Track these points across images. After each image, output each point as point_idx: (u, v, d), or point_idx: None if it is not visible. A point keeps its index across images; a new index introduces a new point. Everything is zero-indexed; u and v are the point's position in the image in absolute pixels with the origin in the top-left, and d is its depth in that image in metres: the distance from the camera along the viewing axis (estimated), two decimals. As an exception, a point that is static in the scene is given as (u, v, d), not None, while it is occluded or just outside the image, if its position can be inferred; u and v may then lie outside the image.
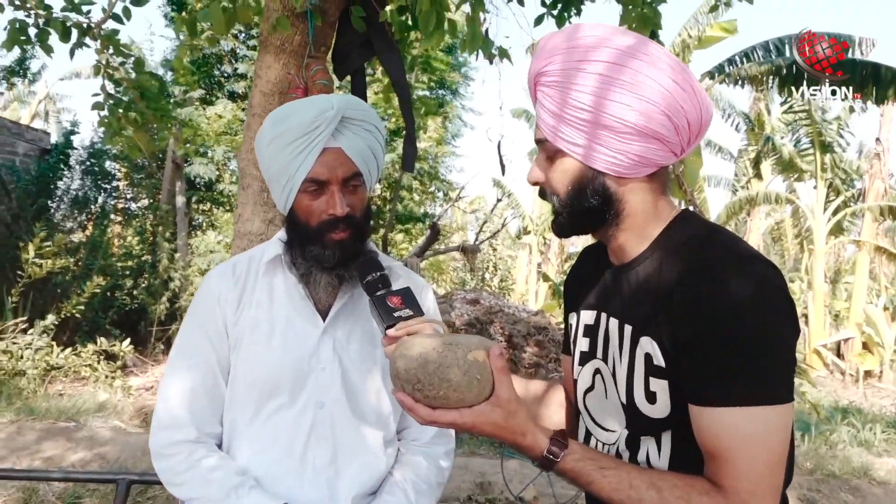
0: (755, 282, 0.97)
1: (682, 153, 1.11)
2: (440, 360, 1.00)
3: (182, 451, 1.43)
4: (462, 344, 1.03)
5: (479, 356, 1.02)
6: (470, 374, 1.00)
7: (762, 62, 8.38)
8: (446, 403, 1.01)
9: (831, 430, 7.65)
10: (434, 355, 1.01)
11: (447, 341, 1.04)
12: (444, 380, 0.99)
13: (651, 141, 1.06)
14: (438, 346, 1.02)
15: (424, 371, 1.00)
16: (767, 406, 0.96)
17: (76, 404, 5.57)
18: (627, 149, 1.06)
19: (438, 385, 1.00)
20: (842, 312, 19.23)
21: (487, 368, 1.02)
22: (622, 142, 1.06)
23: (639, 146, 1.06)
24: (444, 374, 0.99)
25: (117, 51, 3.34)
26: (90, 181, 10.88)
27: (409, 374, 1.01)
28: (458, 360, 1.00)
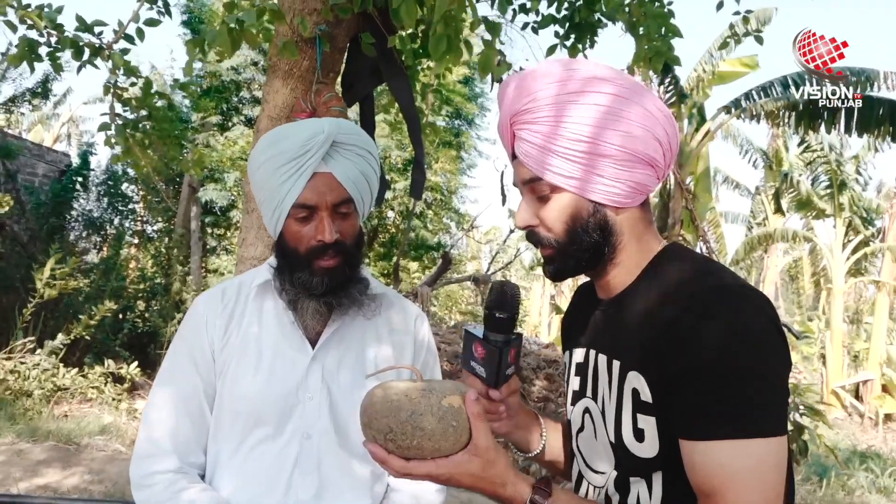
0: (743, 313, 0.94)
1: (664, 176, 1.10)
2: (413, 408, 0.94)
3: (162, 481, 1.39)
4: (436, 390, 0.97)
5: (455, 402, 0.96)
6: (445, 421, 0.94)
7: (779, 98, 8.36)
8: (420, 454, 0.95)
9: (849, 474, 7.45)
10: (406, 402, 0.94)
11: (420, 387, 0.97)
12: (418, 428, 0.93)
13: (646, 167, 1.05)
14: (411, 393, 0.96)
15: (396, 419, 0.94)
16: (760, 439, 0.92)
17: (79, 426, 5.54)
18: (627, 176, 1.04)
19: (412, 434, 0.93)
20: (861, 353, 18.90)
21: (464, 414, 0.96)
22: (622, 169, 1.04)
23: (637, 173, 1.05)
24: (417, 423, 0.93)
25: (127, 71, 3.37)
26: (107, 203, 11.01)
27: (381, 424, 0.95)
28: (431, 407, 0.94)
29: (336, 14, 2.54)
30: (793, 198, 15.66)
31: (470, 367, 1.15)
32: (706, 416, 0.94)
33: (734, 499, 0.92)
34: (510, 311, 1.14)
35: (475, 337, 1.14)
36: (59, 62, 3.07)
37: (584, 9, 2.80)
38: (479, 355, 1.13)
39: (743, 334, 0.93)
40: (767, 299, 0.99)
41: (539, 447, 1.31)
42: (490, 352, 1.12)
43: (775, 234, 15.54)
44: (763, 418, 0.93)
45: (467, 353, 1.16)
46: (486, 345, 1.12)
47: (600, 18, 2.91)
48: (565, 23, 2.99)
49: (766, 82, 8.65)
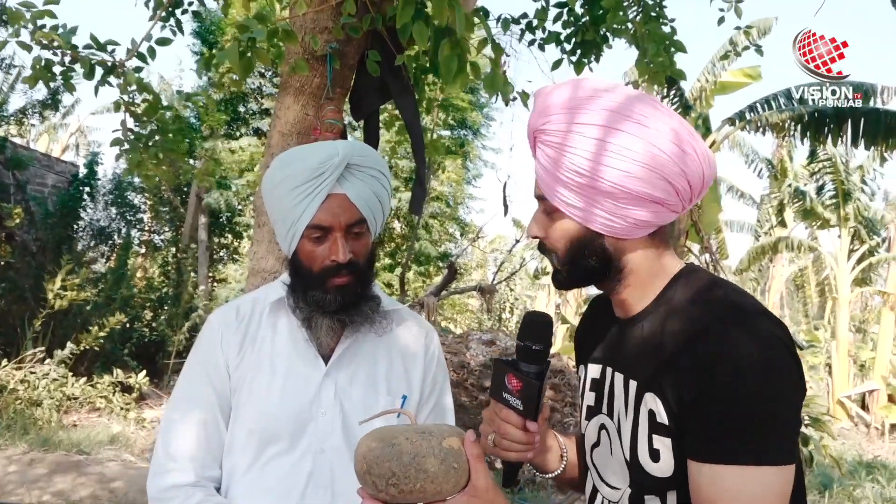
0: (760, 340, 0.95)
1: (683, 210, 1.09)
2: (415, 451, 0.94)
3: (179, 495, 1.41)
4: (435, 432, 0.98)
5: (455, 443, 0.97)
6: (447, 462, 0.94)
7: (783, 109, 8.37)
8: (423, 497, 0.94)
9: (855, 485, 7.42)
10: (408, 446, 0.94)
11: (418, 430, 0.98)
12: (421, 471, 0.93)
13: (650, 205, 1.04)
14: (411, 436, 0.96)
15: (399, 463, 0.93)
16: (769, 467, 0.93)
17: (89, 436, 5.57)
18: (626, 213, 1.04)
19: (415, 477, 0.93)
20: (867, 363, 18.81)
21: (463, 456, 0.97)
22: (621, 207, 1.04)
23: (638, 211, 1.04)
24: (420, 465, 0.93)
25: (140, 88, 3.42)
26: (115, 213, 11.09)
27: (383, 469, 0.93)
28: (433, 449, 0.94)
29: (347, 33, 2.58)
30: (798, 207, 15.66)
31: (503, 399, 1.13)
32: (718, 441, 0.95)
33: None
34: (545, 342, 1.13)
35: (508, 368, 1.12)
36: (71, 81, 3.12)
37: (589, 28, 2.84)
38: (514, 387, 1.11)
39: (758, 361, 0.94)
40: (783, 325, 1.00)
41: (560, 468, 1.31)
42: (528, 384, 1.10)
43: (780, 244, 15.52)
44: (774, 447, 0.94)
45: (499, 383, 1.14)
46: (521, 377, 1.11)
47: (606, 35, 2.95)
48: (570, 39, 3.03)
49: (770, 94, 8.67)
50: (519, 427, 1.12)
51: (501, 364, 1.14)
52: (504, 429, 1.12)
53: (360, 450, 0.97)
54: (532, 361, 1.12)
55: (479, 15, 2.47)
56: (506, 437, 1.12)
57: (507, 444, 1.13)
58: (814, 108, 8.11)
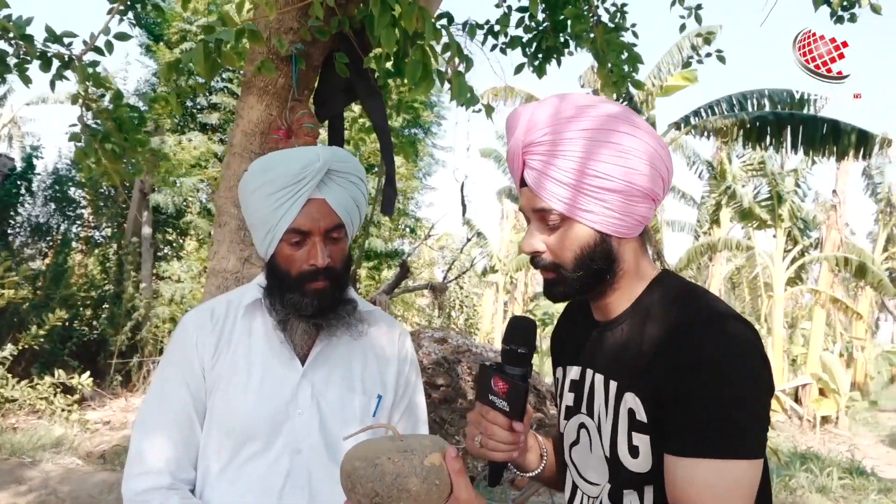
0: (734, 342, 1.03)
1: (658, 206, 1.18)
2: (397, 471, 0.96)
3: (155, 497, 1.41)
4: (417, 449, 1.00)
5: (436, 460, 1.00)
6: (429, 481, 0.97)
7: (726, 115, 8.68)
8: None
9: (790, 475, 7.76)
10: (390, 466, 0.97)
11: (401, 448, 1.00)
12: (404, 490, 0.96)
13: (649, 200, 1.12)
14: (394, 455, 0.98)
15: (382, 484, 0.96)
16: (740, 460, 1.00)
17: (31, 439, 5.38)
18: (634, 210, 1.11)
19: (398, 497, 0.96)
20: (799, 358, 19.64)
21: (444, 471, 1.00)
22: (629, 204, 1.10)
23: (641, 206, 1.12)
24: (402, 485, 0.96)
25: (97, 83, 3.33)
26: (53, 208, 10.70)
27: (366, 488, 0.97)
28: (415, 469, 0.97)
29: (313, 35, 2.58)
30: (735, 209, 16.24)
31: (489, 402, 1.17)
32: (693, 436, 1.01)
33: None
34: (529, 345, 1.18)
35: (494, 372, 1.17)
36: (25, 74, 3.03)
37: (550, 35, 2.91)
38: (501, 390, 1.15)
39: (733, 363, 1.01)
40: (753, 328, 1.08)
41: (540, 467, 1.35)
42: (514, 386, 1.14)
43: (719, 244, 16.06)
44: (745, 442, 1.01)
45: (484, 387, 1.17)
46: (507, 379, 1.15)
47: (567, 41, 3.03)
48: (532, 44, 3.09)
49: (713, 100, 9.00)
50: (505, 428, 1.16)
51: (487, 369, 1.18)
52: (491, 430, 1.16)
53: (345, 467, 1.00)
54: (517, 364, 1.16)
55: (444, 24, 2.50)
56: (492, 437, 1.16)
57: (494, 445, 1.17)
58: (755, 115, 8.44)
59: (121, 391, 8.83)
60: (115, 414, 7.65)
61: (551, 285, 1.18)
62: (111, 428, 7.00)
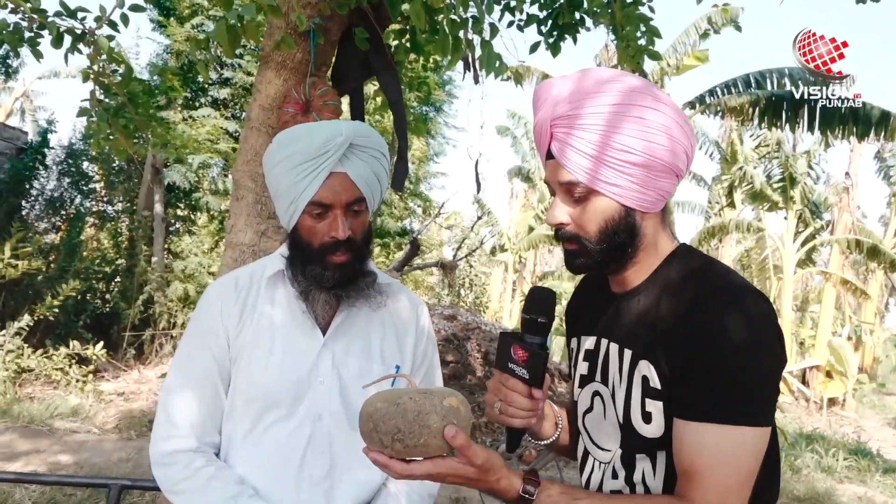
0: (749, 315, 1.05)
1: (680, 181, 1.20)
2: (419, 408, 1.00)
3: (181, 460, 1.46)
4: (435, 392, 1.04)
5: (454, 402, 1.03)
6: (447, 419, 1.00)
7: (742, 94, 8.59)
8: (426, 451, 1.00)
9: (796, 455, 7.81)
10: (412, 404, 1.00)
11: (420, 390, 1.04)
12: (425, 426, 0.99)
13: (672, 176, 1.15)
14: (415, 395, 1.02)
15: (404, 420, 0.99)
16: (747, 427, 1.04)
17: (48, 408, 5.48)
18: (658, 185, 1.14)
19: (419, 433, 0.99)
20: (807, 340, 19.63)
21: (462, 413, 1.03)
22: (655, 178, 1.13)
23: (664, 181, 1.14)
24: (424, 421, 0.99)
25: (110, 57, 3.34)
26: (67, 182, 10.77)
27: (388, 426, 0.99)
28: (435, 407, 1.00)
29: (333, 8, 2.59)
30: (747, 190, 16.14)
31: (509, 370, 1.20)
32: (703, 402, 1.05)
33: (711, 477, 1.03)
34: (549, 315, 1.21)
35: (514, 340, 1.20)
36: (37, 49, 3.04)
37: (566, 10, 2.90)
38: (520, 358, 1.18)
39: (747, 334, 1.04)
40: (768, 300, 1.11)
41: (555, 435, 1.40)
42: (533, 354, 1.17)
43: (730, 225, 15.98)
44: (752, 410, 1.05)
45: (505, 355, 1.20)
46: (527, 347, 1.18)
47: (583, 17, 3.02)
48: (548, 21, 3.08)
49: (729, 79, 8.89)
50: (525, 395, 1.20)
51: (507, 337, 1.22)
52: (510, 397, 1.20)
53: (366, 409, 1.04)
54: (537, 333, 1.20)
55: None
56: (512, 404, 1.20)
57: (513, 412, 1.21)
58: (771, 93, 8.32)
59: (134, 363, 8.96)
60: (129, 385, 7.77)
61: (574, 256, 1.20)
62: (125, 399, 7.12)
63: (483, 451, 1.03)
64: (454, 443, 1.00)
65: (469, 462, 1.02)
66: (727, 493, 1.03)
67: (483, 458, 1.02)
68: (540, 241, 18.24)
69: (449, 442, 1.00)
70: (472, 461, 1.02)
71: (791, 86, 8.57)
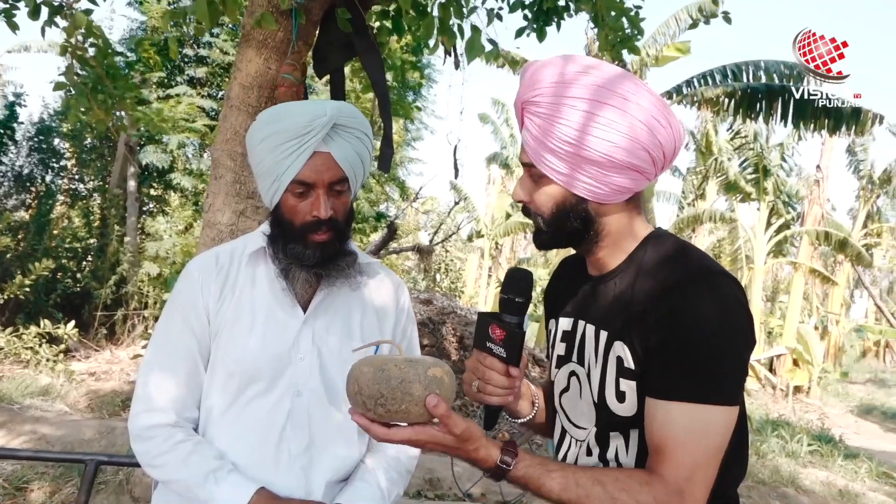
0: (720, 297, 1.09)
1: (656, 177, 1.21)
2: (402, 376, 1.03)
3: (161, 434, 1.46)
4: (421, 362, 1.07)
5: (438, 372, 1.06)
6: (430, 388, 1.04)
7: (718, 85, 8.68)
8: (407, 417, 1.04)
9: (762, 440, 8.01)
10: (396, 371, 1.04)
11: (406, 359, 1.07)
12: (407, 394, 1.02)
13: (630, 173, 1.15)
14: (400, 363, 1.05)
15: (388, 386, 1.03)
16: (715, 406, 1.07)
17: (18, 387, 5.41)
18: (609, 180, 1.15)
19: (401, 399, 1.02)
20: (776, 329, 20.02)
21: (445, 384, 1.06)
22: (605, 174, 1.14)
23: (619, 178, 1.15)
24: (406, 389, 1.02)
25: (88, 31, 3.29)
26: (37, 159, 10.55)
27: (372, 390, 1.03)
28: (419, 376, 1.04)
29: (316, -12, 2.58)
30: (720, 181, 16.34)
31: (487, 348, 1.22)
32: (674, 380, 1.09)
33: (680, 453, 1.07)
34: (526, 295, 1.23)
35: (491, 320, 1.22)
36: (13, 21, 2.98)
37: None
38: (498, 336, 1.21)
39: (718, 316, 1.08)
40: (739, 283, 1.14)
41: (532, 413, 1.43)
42: (511, 333, 1.20)
43: (703, 215, 16.18)
44: (722, 389, 1.08)
45: (482, 334, 1.23)
46: (505, 326, 1.20)
47: (568, 4, 3.03)
48: (533, 7, 3.09)
49: (706, 70, 8.98)
50: (502, 373, 1.22)
51: (485, 317, 1.24)
52: (488, 375, 1.22)
53: (353, 373, 1.07)
54: (514, 313, 1.22)
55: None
56: (489, 382, 1.23)
57: (491, 390, 1.23)
58: (747, 85, 8.42)
59: (106, 344, 8.86)
60: (101, 366, 7.68)
61: (536, 234, 1.25)
62: (97, 379, 7.04)
63: (463, 422, 1.05)
64: (435, 412, 1.02)
65: (449, 431, 1.04)
66: (696, 469, 1.07)
67: (462, 428, 1.05)
68: (516, 227, 18.33)
69: (430, 411, 1.03)
70: (451, 430, 1.04)
71: (766, 78, 8.69)
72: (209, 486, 1.41)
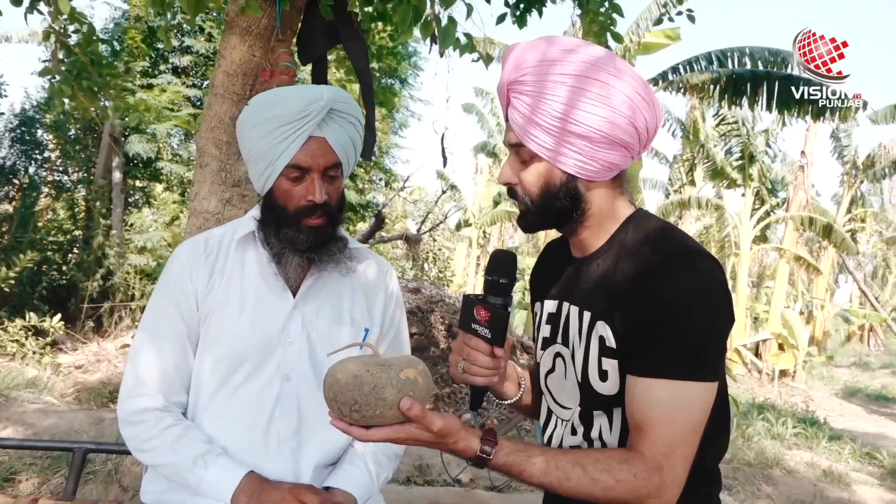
0: (699, 276, 1.11)
1: (639, 155, 1.23)
2: (375, 381, 1.04)
3: (150, 418, 1.47)
4: (394, 364, 1.07)
5: (411, 374, 1.07)
6: (403, 391, 1.04)
7: (703, 71, 8.71)
8: (382, 421, 1.05)
9: (748, 423, 8.10)
10: (369, 377, 1.04)
11: (379, 362, 1.08)
12: (380, 399, 1.03)
13: (618, 148, 1.17)
14: (372, 368, 1.06)
15: (361, 392, 1.03)
16: (694, 382, 1.09)
17: (5, 379, 5.38)
18: (598, 156, 1.16)
19: (375, 405, 1.03)
20: (761, 315, 20.22)
21: (419, 384, 1.07)
22: (594, 149, 1.15)
23: (608, 153, 1.16)
24: (379, 394, 1.03)
25: (72, 17, 3.26)
26: (19, 150, 10.43)
27: (346, 397, 1.04)
28: (391, 380, 1.04)
29: (298, -26, 2.56)
30: (707, 168, 16.43)
31: (472, 329, 1.23)
32: (655, 358, 1.10)
33: (660, 430, 1.09)
34: (510, 276, 1.24)
35: (476, 301, 1.23)
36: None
37: (533, -19, 2.91)
38: (483, 318, 1.22)
39: (697, 295, 1.09)
40: (718, 262, 1.16)
41: (518, 394, 1.44)
42: (496, 314, 1.21)
43: (690, 202, 16.27)
44: (701, 366, 1.10)
45: (468, 316, 1.24)
46: (490, 307, 1.21)
47: (549, -11, 3.03)
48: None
49: (691, 57, 9.01)
50: (487, 354, 1.23)
51: (470, 298, 1.25)
52: (473, 356, 1.24)
53: (328, 380, 1.08)
54: (498, 294, 1.24)
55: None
56: (475, 363, 1.24)
57: (476, 370, 1.25)
58: (732, 71, 8.46)
59: (93, 336, 8.81)
60: (88, 358, 7.64)
61: (522, 216, 1.26)
62: (84, 372, 7.02)
63: (439, 419, 1.06)
64: (409, 414, 1.03)
65: (426, 429, 1.05)
66: (675, 445, 1.09)
67: (439, 426, 1.06)
68: (504, 216, 18.34)
69: (405, 413, 1.04)
70: (428, 428, 1.05)
71: (751, 65, 8.74)
72: (198, 471, 1.43)
